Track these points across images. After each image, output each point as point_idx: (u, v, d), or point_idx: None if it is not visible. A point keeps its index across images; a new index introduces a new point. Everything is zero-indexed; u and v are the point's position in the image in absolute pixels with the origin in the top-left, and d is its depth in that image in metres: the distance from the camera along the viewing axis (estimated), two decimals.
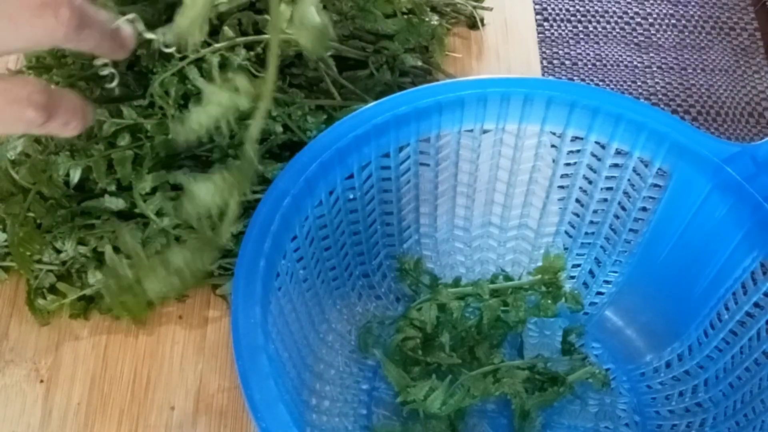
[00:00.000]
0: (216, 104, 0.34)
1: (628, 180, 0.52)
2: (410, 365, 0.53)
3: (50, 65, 0.60)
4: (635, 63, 0.72)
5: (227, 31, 0.54)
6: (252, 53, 0.56)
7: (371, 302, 0.57)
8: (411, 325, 0.54)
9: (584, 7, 0.75)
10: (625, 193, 0.53)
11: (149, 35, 0.34)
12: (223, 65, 0.54)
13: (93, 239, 0.55)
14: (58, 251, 0.55)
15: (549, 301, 0.56)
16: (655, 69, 0.72)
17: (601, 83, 0.71)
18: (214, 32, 0.56)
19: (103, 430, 0.52)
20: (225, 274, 0.56)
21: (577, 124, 0.51)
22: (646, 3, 0.76)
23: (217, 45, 0.54)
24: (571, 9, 0.75)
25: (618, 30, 0.74)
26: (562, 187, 0.55)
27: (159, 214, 0.54)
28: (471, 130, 0.52)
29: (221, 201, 0.36)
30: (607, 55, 0.73)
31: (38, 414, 0.52)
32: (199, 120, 0.33)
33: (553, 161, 0.54)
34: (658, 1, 0.76)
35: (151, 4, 0.56)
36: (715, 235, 0.50)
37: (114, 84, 0.53)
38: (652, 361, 0.57)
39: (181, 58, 0.54)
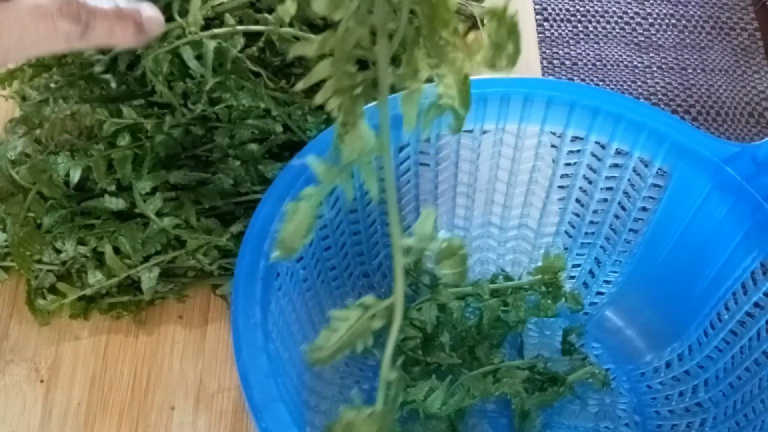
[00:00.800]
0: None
1: (628, 180, 0.52)
2: (410, 365, 0.53)
3: (50, 65, 0.60)
4: (635, 63, 0.72)
5: (228, 18, 0.54)
6: (253, 49, 0.56)
7: None
8: (411, 325, 0.54)
9: (584, 7, 0.75)
10: (625, 193, 0.53)
11: None
12: (221, 51, 0.54)
13: (93, 239, 0.55)
14: (58, 251, 0.55)
15: (549, 301, 0.56)
16: (655, 69, 0.72)
17: (601, 83, 0.71)
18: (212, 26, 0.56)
19: (103, 430, 0.52)
20: (225, 274, 0.56)
21: (577, 124, 0.51)
22: (646, 3, 0.76)
23: (215, 30, 0.54)
24: (571, 9, 0.75)
25: (618, 30, 0.74)
26: (562, 187, 0.55)
27: (159, 214, 0.55)
28: (471, 130, 0.52)
29: None
30: (607, 55, 0.73)
31: (38, 414, 0.52)
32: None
33: (553, 161, 0.54)
34: (658, 1, 0.76)
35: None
36: (715, 235, 0.50)
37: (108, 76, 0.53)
38: (652, 361, 0.57)
39: (177, 38, 0.54)
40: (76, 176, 0.55)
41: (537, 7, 0.75)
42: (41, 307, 0.55)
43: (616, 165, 0.52)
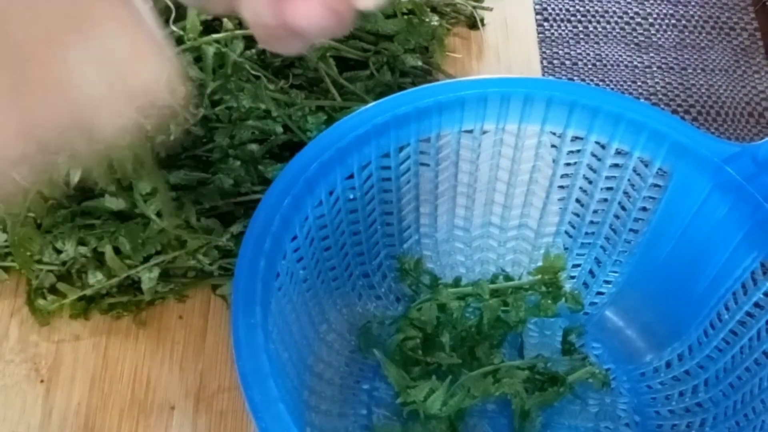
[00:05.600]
0: None
1: (629, 180, 0.52)
2: (410, 365, 0.53)
3: None
4: (635, 63, 0.72)
5: (227, 22, 0.54)
6: (252, 51, 0.56)
7: (371, 302, 0.57)
8: (411, 325, 0.54)
9: (584, 7, 0.75)
10: (626, 193, 0.53)
11: None
12: (220, 56, 0.54)
13: (93, 239, 0.55)
14: (59, 251, 0.55)
15: (549, 301, 0.56)
16: (655, 69, 0.72)
17: (601, 83, 0.71)
18: (214, 30, 0.56)
19: (103, 430, 0.52)
20: (225, 274, 0.56)
21: (577, 124, 0.51)
22: (646, 3, 0.76)
23: (214, 36, 0.54)
24: (571, 9, 0.75)
25: (618, 30, 0.74)
26: (562, 187, 0.55)
27: (159, 214, 0.55)
28: (471, 131, 0.52)
29: None
30: (607, 55, 0.73)
31: (38, 414, 0.52)
32: None
33: (553, 161, 0.54)
34: (658, 1, 0.76)
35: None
36: (715, 235, 0.50)
37: None
38: (653, 361, 0.57)
39: (178, 44, 0.54)
40: (76, 176, 0.55)
41: (537, 7, 0.75)
42: (41, 307, 0.55)
43: (616, 165, 0.52)
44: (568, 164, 0.54)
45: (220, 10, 0.28)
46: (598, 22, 0.75)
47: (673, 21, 0.75)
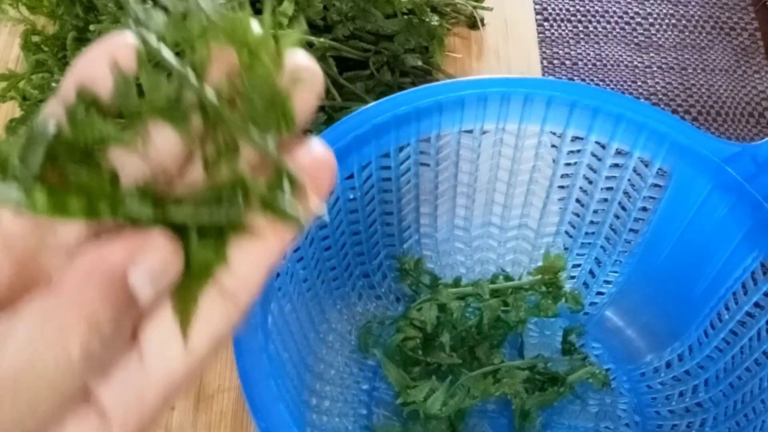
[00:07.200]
0: None
1: (629, 180, 0.52)
2: (410, 365, 0.53)
3: (51, 67, 0.60)
4: (635, 63, 0.72)
5: None
6: None
7: (371, 302, 0.57)
8: (411, 325, 0.54)
9: (584, 7, 0.75)
10: (626, 193, 0.53)
11: None
12: None
13: None
14: None
15: (549, 301, 0.56)
16: (655, 69, 0.72)
17: (601, 83, 0.71)
18: None
19: None
20: None
21: (577, 124, 0.51)
22: (646, 3, 0.76)
23: None
24: (571, 9, 0.75)
25: (618, 30, 0.74)
26: (562, 187, 0.55)
27: None
28: (471, 131, 0.52)
29: None
30: (607, 55, 0.73)
31: None
32: None
33: (554, 161, 0.54)
34: (659, 1, 0.76)
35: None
36: (715, 235, 0.50)
37: None
38: (653, 361, 0.57)
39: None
40: None
41: (537, 7, 0.75)
42: None
43: (616, 165, 0.52)
44: (568, 164, 0.54)
45: None
46: (598, 22, 0.75)
47: (674, 21, 0.75)
